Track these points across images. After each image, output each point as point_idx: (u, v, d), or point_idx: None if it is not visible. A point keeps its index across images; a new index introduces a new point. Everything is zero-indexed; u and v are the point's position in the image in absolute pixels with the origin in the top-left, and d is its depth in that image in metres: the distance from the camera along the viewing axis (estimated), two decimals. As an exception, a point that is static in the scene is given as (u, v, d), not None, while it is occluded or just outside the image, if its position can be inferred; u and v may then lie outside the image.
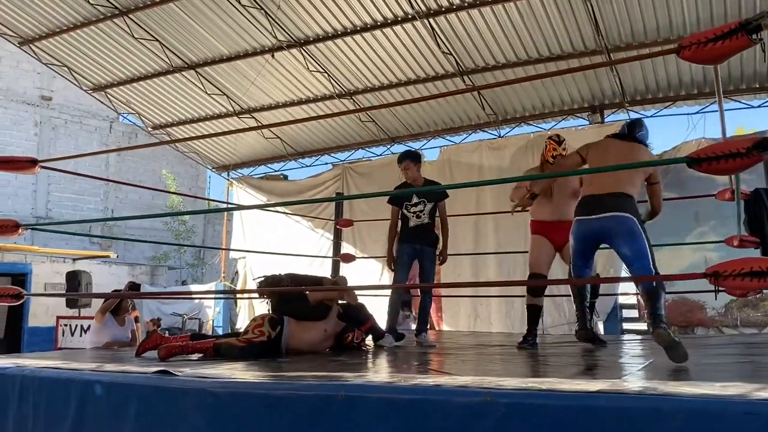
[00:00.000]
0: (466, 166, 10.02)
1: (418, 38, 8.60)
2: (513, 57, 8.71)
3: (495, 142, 10.18)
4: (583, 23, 7.83)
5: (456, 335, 7.34)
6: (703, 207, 7.76)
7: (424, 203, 5.18)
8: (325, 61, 9.36)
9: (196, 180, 21.92)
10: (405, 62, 9.16)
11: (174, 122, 11.52)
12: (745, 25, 2.16)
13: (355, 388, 2.44)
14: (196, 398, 2.63)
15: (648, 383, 2.42)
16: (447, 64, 9.04)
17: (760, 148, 2.05)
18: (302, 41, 8.99)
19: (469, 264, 9.69)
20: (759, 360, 3.30)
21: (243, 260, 12.30)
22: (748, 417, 1.83)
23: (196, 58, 9.80)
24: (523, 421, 2.07)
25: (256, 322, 4.33)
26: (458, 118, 10.43)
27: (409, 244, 5.21)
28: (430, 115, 10.44)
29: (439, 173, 10.31)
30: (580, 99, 9.45)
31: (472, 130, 10.59)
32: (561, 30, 8.04)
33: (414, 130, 10.90)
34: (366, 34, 8.67)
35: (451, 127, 10.65)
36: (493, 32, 8.27)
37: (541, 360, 3.77)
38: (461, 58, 8.86)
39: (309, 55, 9.23)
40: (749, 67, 8.26)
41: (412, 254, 5.23)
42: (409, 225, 5.22)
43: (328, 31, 8.78)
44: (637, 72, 8.62)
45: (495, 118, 10.07)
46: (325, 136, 11.45)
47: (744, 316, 8.03)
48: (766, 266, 2.00)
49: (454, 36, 8.45)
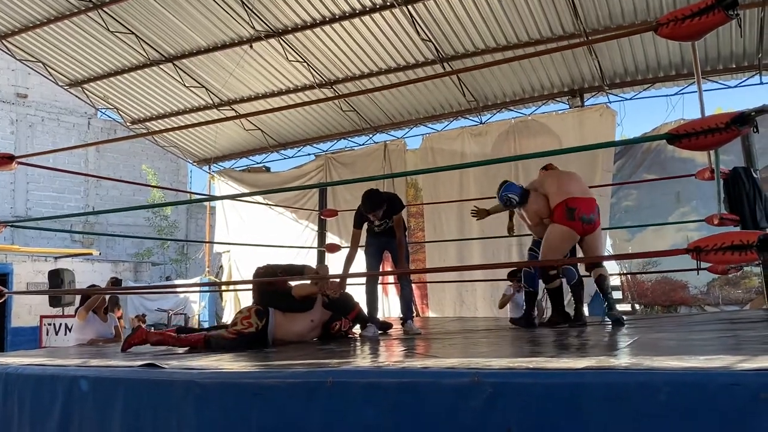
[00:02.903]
0: (449, 153, 10.04)
1: (397, 25, 8.57)
2: (492, 42, 8.72)
3: (477, 128, 10.21)
4: (561, 7, 7.85)
5: (442, 321, 7.37)
6: (685, 187, 7.86)
7: (386, 222, 5.23)
8: (304, 50, 9.29)
9: (176, 174, 21.74)
10: (384, 50, 9.12)
11: (153, 116, 11.39)
12: (721, 1, 2.18)
13: (344, 374, 2.44)
14: (184, 390, 2.62)
15: (634, 359, 2.44)
16: (427, 51, 9.02)
17: (739, 123, 2.07)
18: (280, 31, 8.92)
19: (454, 250, 9.74)
20: (742, 334, 3.35)
21: (227, 254, 12.25)
22: (733, 388, 1.85)
23: (173, 51, 9.69)
24: (511, 400, 2.08)
25: (243, 314, 4.33)
26: (439, 106, 10.44)
27: (377, 238, 5.28)
28: (411, 103, 10.43)
29: (422, 161, 10.36)
30: (560, 83, 9.49)
31: (454, 117, 10.62)
32: (539, 14, 8.05)
33: (396, 118, 10.89)
34: (345, 23, 8.62)
35: (432, 115, 10.66)
36: (472, 18, 8.26)
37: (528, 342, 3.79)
38: (440, 44, 8.84)
39: (288, 44, 9.16)
40: (726, 47, 8.35)
41: (381, 246, 5.28)
42: (375, 231, 5.30)
43: (307, 20, 8.71)
44: (616, 55, 8.67)
45: (476, 104, 10.09)
46: (306, 126, 11.40)
47: (725, 293, 8.16)
48: (746, 240, 2.02)
49: (433, 22, 8.42)
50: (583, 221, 4.82)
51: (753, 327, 3.76)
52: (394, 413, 2.24)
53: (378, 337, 4.75)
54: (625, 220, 8.55)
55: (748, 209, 5.03)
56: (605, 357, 2.48)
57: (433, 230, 10.22)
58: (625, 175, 8.71)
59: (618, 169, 8.82)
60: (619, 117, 9.03)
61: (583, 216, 4.83)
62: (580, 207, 4.86)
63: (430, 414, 2.19)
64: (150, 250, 19.56)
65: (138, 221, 19.57)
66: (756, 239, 2.01)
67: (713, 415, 1.84)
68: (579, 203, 4.87)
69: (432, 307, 10.15)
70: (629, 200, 8.76)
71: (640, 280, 8.58)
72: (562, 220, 4.82)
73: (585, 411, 1.99)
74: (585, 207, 4.89)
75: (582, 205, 4.88)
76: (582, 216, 4.82)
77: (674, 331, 3.79)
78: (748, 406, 1.80)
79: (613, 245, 8.82)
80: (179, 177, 21.86)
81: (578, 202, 4.88)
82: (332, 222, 9.98)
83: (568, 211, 4.80)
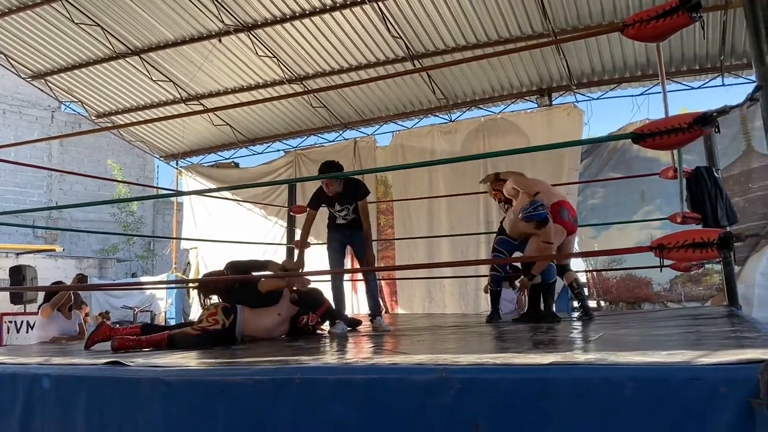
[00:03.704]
0: (419, 151, 10.08)
1: (367, 22, 8.56)
2: (462, 41, 8.76)
3: (446, 126, 10.26)
4: (530, 7, 7.93)
5: (411, 317, 7.39)
6: (649, 186, 8.01)
7: (347, 208, 5.13)
8: (273, 45, 9.22)
9: (143, 170, 21.39)
10: (355, 46, 9.10)
11: (119, 110, 11.19)
12: (685, 2, 2.22)
13: (312, 371, 2.43)
14: (150, 388, 2.58)
15: (599, 354, 2.48)
16: (397, 48, 9.03)
17: (701, 123, 2.12)
18: (250, 25, 8.83)
19: (423, 247, 9.78)
20: (703, 330, 3.42)
21: (195, 250, 12.09)
22: (693, 382, 1.90)
23: (140, 44, 9.52)
24: (479, 395, 2.10)
25: (209, 311, 4.28)
26: (410, 103, 10.46)
27: (339, 231, 5.16)
28: (381, 100, 10.43)
29: (392, 158, 10.37)
30: (529, 82, 9.59)
31: (424, 115, 10.65)
32: (509, 13, 8.12)
33: (366, 115, 10.88)
34: (315, 18, 8.57)
35: (402, 112, 10.68)
36: (442, 16, 8.29)
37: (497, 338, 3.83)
38: (411, 42, 8.86)
39: (257, 39, 9.07)
40: (689, 49, 8.53)
41: (343, 240, 5.18)
42: (336, 222, 5.17)
43: (276, 15, 8.64)
44: (583, 55, 8.80)
45: (446, 102, 10.13)
46: (276, 122, 11.31)
47: (688, 290, 8.34)
48: (707, 238, 2.07)
49: (403, 19, 8.43)
50: (573, 222, 5.08)
51: (713, 323, 3.85)
52: (363, 410, 2.24)
53: (347, 334, 4.74)
54: (591, 218, 8.69)
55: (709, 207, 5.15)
56: (571, 352, 2.52)
57: (402, 227, 10.25)
58: (591, 174, 8.85)
59: (585, 167, 8.95)
60: (586, 116, 9.18)
61: (573, 217, 5.08)
62: (570, 209, 5.18)
63: (398, 410, 2.20)
64: (115, 246, 19.22)
65: (103, 217, 19.20)
66: (716, 237, 2.06)
67: (675, 409, 1.88)
68: (568, 206, 5.18)
69: (401, 303, 10.19)
70: (595, 198, 8.91)
71: (605, 277, 8.73)
72: (556, 218, 4.97)
73: (551, 406, 2.02)
74: (572, 210, 5.21)
75: (569, 207, 5.20)
76: (573, 217, 5.07)
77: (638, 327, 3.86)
78: (708, 399, 1.85)
79: (579, 242, 8.94)
80: (146, 172, 21.51)
81: (567, 204, 5.19)
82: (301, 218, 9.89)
83: (561, 210, 5.02)
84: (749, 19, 1.96)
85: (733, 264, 5.57)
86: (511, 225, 5.24)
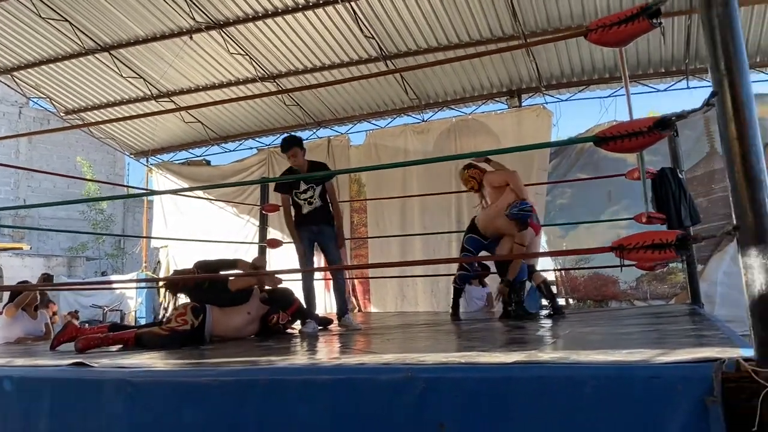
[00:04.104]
0: (392, 150, 10.11)
1: (340, 21, 8.55)
2: (434, 42, 8.81)
3: (419, 126, 10.31)
4: (501, 9, 8.00)
5: (383, 316, 7.42)
6: (616, 187, 8.14)
7: (313, 188, 5.01)
8: (246, 43, 9.16)
9: (113, 167, 21.11)
10: (328, 45, 9.09)
11: (88, 107, 11.01)
12: (646, 9, 2.27)
13: (279, 372, 2.44)
14: (114, 389, 2.56)
15: (561, 353, 2.53)
16: (370, 48, 9.04)
17: (661, 127, 2.17)
18: (222, 23, 8.76)
19: (396, 246, 9.81)
20: (664, 328, 3.50)
21: (165, 249, 11.96)
22: (652, 380, 1.95)
23: (109, 40, 9.38)
24: (443, 394, 2.13)
25: (178, 311, 4.25)
26: (383, 103, 10.49)
27: (306, 227, 5.04)
28: (354, 99, 10.44)
29: (366, 156, 10.39)
30: (499, 84, 9.68)
31: (397, 114, 10.69)
32: (480, 16, 8.19)
33: (339, 114, 10.88)
34: (287, 17, 8.54)
35: (376, 111, 10.70)
36: (414, 17, 8.32)
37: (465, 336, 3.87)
38: (383, 42, 8.88)
39: (229, 37, 9.00)
40: (655, 53, 8.70)
41: (311, 238, 5.07)
42: (303, 212, 5.05)
43: (249, 13, 8.59)
44: (553, 57, 8.91)
45: (418, 102, 10.18)
46: (248, 120, 11.25)
47: (653, 289, 8.51)
48: (665, 239, 2.12)
49: (375, 20, 8.45)
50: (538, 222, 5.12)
51: (675, 321, 3.94)
52: (329, 410, 2.25)
53: (318, 333, 4.74)
54: (560, 218, 8.81)
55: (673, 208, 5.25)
56: (535, 351, 2.56)
57: (375, 226, 10.27)
58: (560, 174, 8.97)
59: (553, 168, 9.07)
60: (555, 117, 9.31)
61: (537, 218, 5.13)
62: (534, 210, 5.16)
63: (365, 410, 2.21)
64: (85, 244, 18.92)
65: (72, 214, 18.88)
66: (674, 238, 2.11)
67: (634, 406, 1.93)
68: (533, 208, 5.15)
69: (374, 302, 10.21)
70: (564, 198, 9.03)
71: (573, 276, 8.86)
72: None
73: (514, 404, 2.05)
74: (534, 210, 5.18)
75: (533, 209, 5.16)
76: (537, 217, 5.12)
77: (603, 325, 3.93)
78: (666, 397, 1.90)
79: (547, 242, 9.07)
80: (116, 169, 21.23)
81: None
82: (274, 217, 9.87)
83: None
84: (705, 26, 2.01)
85: (695, 263, 5.69)
86: (488, 220, 5.21)
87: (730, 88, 1.94)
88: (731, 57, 1.96)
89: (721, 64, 1.97)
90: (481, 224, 5.26)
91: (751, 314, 1.88)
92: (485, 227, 5.23)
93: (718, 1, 1.99)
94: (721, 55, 1.97)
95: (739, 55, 1.96)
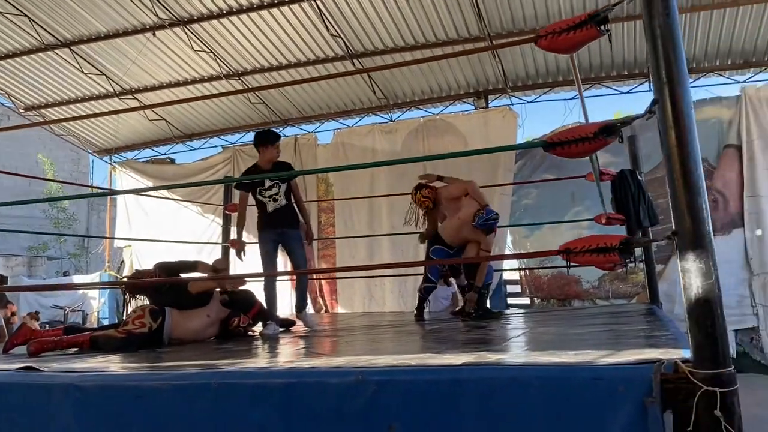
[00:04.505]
0: (360, 149, 10.10)
1: (305, 19, 8.51)
2: (401, 41, 8.83)
3: (387, 125, 10.32)
4: (466, 10, 8.05)
5: (349, 317, 7.42)
6: (579, 188, 8.25)
7: (278, 185, 4.93)
8: (210, 40, 9.06)
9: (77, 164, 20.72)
10: (294, 43, 9.04)
11: (49, 103, 10.78)
12: (593, 17, 2.31)
13: (230, 375, 2.43)
14: (63, 394, 2.52)
15: (510, 355, 2.56)
16: (336, 47, 9.02)
17: (605, 133, 2.21)
18: (185, 20, 8.65)
19: (364, 246, 9.81)
20: (617, 328, 3.57)
21: (129, 249, 11.78)
22: (594, 382, 1.99)
23: (70, 36, 9.19)
24: (394, 397, 2.14)
25: (136, 313, 4.20)
26: (350, 102, 10.48)
27: (271, 229, 4.96)
28: (322, 98, 10.41)
29: (333, 156, 10.37)
30: (466, 84, 9.75)
31: (365, 114, 10.68)
32: (446, 16, 8.22)
33: (306, 112, 10.83)
34: (252, 14, 8.47)
35: (344, 110, 10.69)
36: (380, 16, 8.33)
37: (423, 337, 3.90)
38: (350, 41, 8.87)
39: (193, 34, 8.90)
40: (618, 56, 8.84)
41: (276, 239, 4.99)
42: (268, 210, 4.98)
43: (213, 10, 8.49)
44: (518, 59, 9.00)
45: (386, 102, 10.19)
46: (213, 117, 11.13)
47: (615, 288, 8.66)
48: (609, 242, 2.16)
49: (342, 19, 8.43)
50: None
51: (629, 321, 4.02)
52: (281, 413, 2.25)
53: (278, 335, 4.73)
54: (525, 218, 8.91)
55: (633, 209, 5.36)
56: (486, 353, 2.59)
57: (343, 226, 10.25)
58: (525, 175, 9.06)
59: (519, 168, 9.17)
60: (520, 119, 9.39)
61: None
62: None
63: (316, 414, 2.22)
64: (46, 243, 18.56)
65: (33, 213, 18.48)
66: (618, 242, 2.15)
67: (577, 407, 1.97)
68: None
69: (342, 302, 10.19)
70: (529, 199, 9.13)
71: (537, 275, 8.97)
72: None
73: (462, 405, 2.08)
74: None
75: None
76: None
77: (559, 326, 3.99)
78: (607, 398, 1.94)
79: (513, 241, 9.18)
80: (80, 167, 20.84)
81: None
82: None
83: None
84: (648, 35, 2.06)
85: (654, 263, 5.81)
86: (454, 231, 5.29)
87: (670, 97, 1.99)
88: (672, 66, 2.01)
89: (662, 73, 2.02)
90: (448, 236, 5.32)
91: (688, 317, 1.93)
92: (452, 238, 5.30)
93: (660, 11, 2.03)
94: (662, 64, 2.02)
95: (679, 65, 2.01)
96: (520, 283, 9.28)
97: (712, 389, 1.81)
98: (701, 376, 1.83)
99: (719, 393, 1.80)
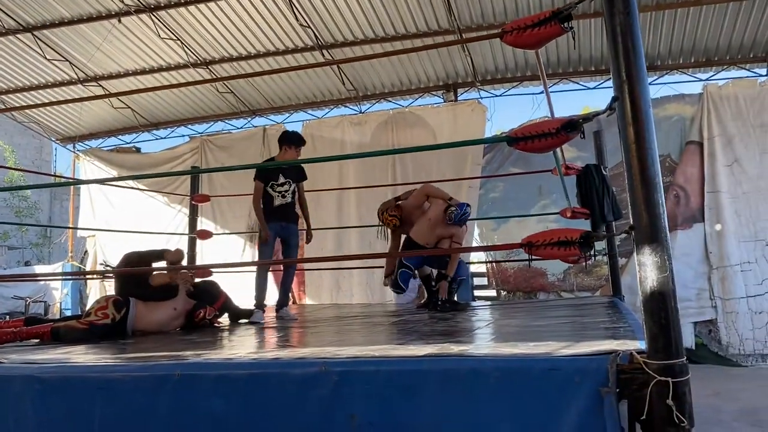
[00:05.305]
0: (329, 141, 10.06)
1: (275, 8, 8.43)
2: (371, 33, 8.80)
3: (356, 117, 10.29)
4: (436, 3, 8.06)
5: (317, 308, 7.42)
6: (546, 182, 8.36)
7: (289, 183, 5.35)
8: (177, 28, 8.92)
9: (40, 152, 20.24)
10: (263, 33, 8.95)
11: (10, 89, 10.49)
12: (557, 14, 2.35)
13: (192, 367, 2.42)
14: (22, 386, 2.49)
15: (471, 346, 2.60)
16: (306, 38, 8.95)
17: (568, 129, 2.25)
18: (152, 6, 8.49)
19: (332, 238, 9.80)
20: (579, 320, 3.65)
21: (93, 239, 11.57)
22: (552, 372, 2.04)
23: (32, 20, 8.95)
24: (356, 387, 2.17)
25: (99, 304, 4.16)
26: (320, 93, 10.43)
27: (276, 222, 5.30)
28: (291, 88, 10.33)
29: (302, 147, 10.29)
30: (435, 77, 9.77)
31: (334, 105, 10.64)
32: (416, 9, 8.23)
33: (275, 103, 10.75)
34: (221, 2, 8.34)
35: (313, 102, 10.63)
36: (350, 7, 8.29)
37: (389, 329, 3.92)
38: (319, 31, 8.81)
39: (160, 21, 8.74)
40: (586, 51, 8.97)
41: (278, 231, 5.34)
42: (274, 204, 5.31)
43: (180, -2, 8.36)
44: (487, 52, 9.05)
45: (355, 93, 10.17)
46: (180, 106, 10.98)
47: (579, 281, 8.80)
48: (570, 236, 2.21)
49: (312, 9, 8.37)
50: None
51: (591, 313, 4.11)
52: (243, 404, 2.26)
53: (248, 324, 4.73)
54: (492, 211, 8.99)
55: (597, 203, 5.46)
56: (448, 344, 2.62)
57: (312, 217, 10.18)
58: (493, 168, 9.14)
59: (487, 162, 9.23)
60: (489, 112, 9.45)
61: None
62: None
63: (278, 404, 2.24)
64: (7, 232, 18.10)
65: (-7, 201, 18.04)
66: (578, 236, 2.20)
67: (534, 397, 2.02)
68: None
69: (309, 293, 10.17)
70: (496, 192, 9.21)
71: (504, 268, 9.07)
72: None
73: (422, 396, 2.12)
74: None
75: None
76: None
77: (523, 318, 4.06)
78: (564, 389, 1.99)
79: (480, 234, 9.26)
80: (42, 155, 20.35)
81: None
82: (207, 208, 9.70)
83: None
84: (609, 33, 2.10)
85: (617, 257, 5.92)
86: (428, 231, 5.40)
87: (629, 94, 2.04)
88: (631, 64, 2.06)
89: (622, 71, 2.07)
90: (422, 237, 5.41)
91: (643, 309, 1.99)
92: (426, 238, 5.41)
93: (621, 10, 2.08)
94: (622, 62, 2.07)
95: (638, 63, 2.06)
96: (486, 276, 9.38)
97: (665, 379, 1.87)
98: (655, 366, 1.89)
99: (672, 383, 1.86)
